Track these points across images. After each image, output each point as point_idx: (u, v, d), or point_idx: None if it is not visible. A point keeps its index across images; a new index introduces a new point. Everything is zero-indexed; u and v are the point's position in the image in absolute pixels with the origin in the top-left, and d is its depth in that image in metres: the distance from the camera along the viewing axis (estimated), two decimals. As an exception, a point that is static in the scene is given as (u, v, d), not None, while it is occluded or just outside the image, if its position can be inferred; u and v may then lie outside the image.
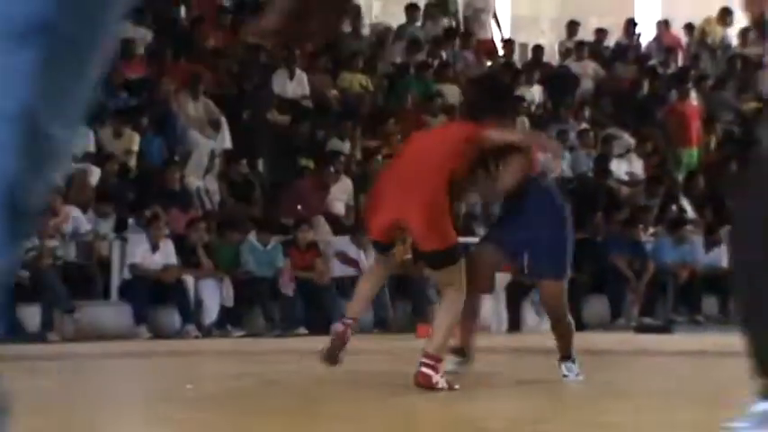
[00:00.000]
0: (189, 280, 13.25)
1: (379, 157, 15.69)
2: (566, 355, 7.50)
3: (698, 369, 9.16)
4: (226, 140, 15.34)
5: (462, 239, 15.54)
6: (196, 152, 15.00)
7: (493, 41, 19.61)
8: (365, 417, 6.24)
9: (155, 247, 13.21)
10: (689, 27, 21.53)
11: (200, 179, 14.75)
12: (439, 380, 6.87)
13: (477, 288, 7.43)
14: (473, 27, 19.65)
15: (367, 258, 14.22)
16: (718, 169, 18.34)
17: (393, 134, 16.46)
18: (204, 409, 6.58)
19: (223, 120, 15.40)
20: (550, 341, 8.01)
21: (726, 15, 21.66)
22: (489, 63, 19.20)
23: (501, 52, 19.38)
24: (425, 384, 6.86)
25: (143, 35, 16.47)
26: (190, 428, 5.84)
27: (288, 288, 13.60)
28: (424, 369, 6.91)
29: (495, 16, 19.98)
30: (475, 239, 15.56)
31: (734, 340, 11.99)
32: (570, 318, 7.48)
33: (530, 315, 14.13)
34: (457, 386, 6.87)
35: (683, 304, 15.64)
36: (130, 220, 13.69)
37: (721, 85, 19.95)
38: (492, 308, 14.38)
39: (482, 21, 19.73)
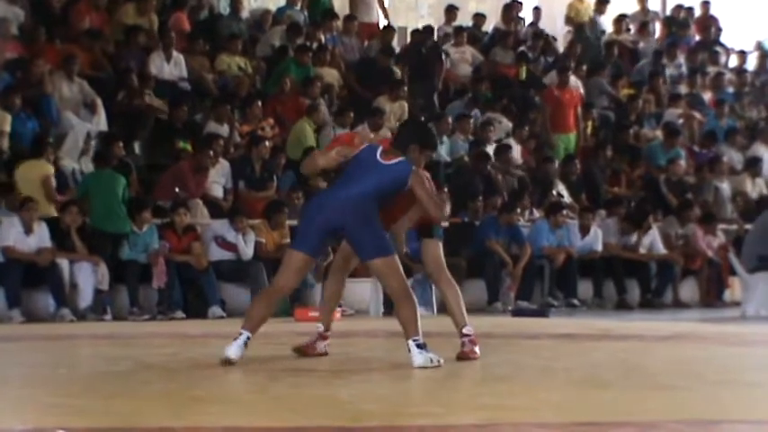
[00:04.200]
0: (63, 263, 13.06)
1: (267, 143, 15.59)
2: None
3: (572, 352, 9.28)
4: (102, 122, 15.14)
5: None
6: (71, 134, 14.77)
7: (377, 26, 19.60)
8: (242, 400, 6.21)
9: (28, 230, 12.99)
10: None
11: (75, 161, 14.53)
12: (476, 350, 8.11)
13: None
14: (359, 9, 19.61)
15: (246, 243, 14.15)
16: (593, 155, 18.60)
17: (263, 118, 16.39)
18: (77, 393, 6.49)
19: (99, 101, 15.19)
20: (427, 325, 8.05)
21: (600, 3, 21.98)
22: (368, 45, 19.20)
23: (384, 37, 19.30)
24: (471, 357, 8.05)
25: (17, 14, 16.17)
26: (62, 413, 5.74)
27: (160, 281, 13.43)
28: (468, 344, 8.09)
29: (381, 2, 19.94)
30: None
31: (607, 324, 12.23)
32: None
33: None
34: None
35: (558, 288, 15.83)
36: (2, 203, 13.44)
37: (597, 72, 20.22)
38: (371, 292, 14.43)
39: (367, 3, 19.70)
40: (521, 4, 21.46)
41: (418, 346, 7.60)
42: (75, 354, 9.34)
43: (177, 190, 14.55)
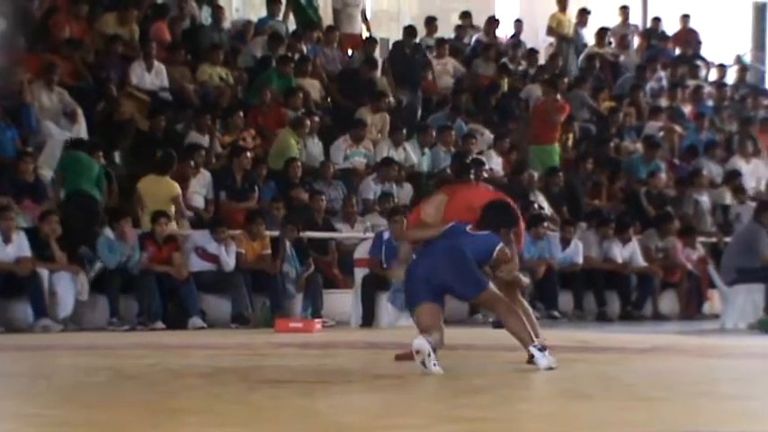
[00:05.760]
0: (43, 273, 13.01)
1: (248, 153, 15.60)
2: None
3: (552, 363, 9.27)
4: (82, 132, 15.11)
5: (322, 235, 15.64)
6: (50, 143, 14.74)
7: (360, 37, 19.64)
8: (221, 410, 6.20)
9: (6, 240, 12.95)
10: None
11: (53, 171, 14.48)
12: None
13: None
14: (341, 20, 19.63)
15: (228, 254, 14.13)
16: (574, 167, 18.64)
17: (245, 128, 16.38)
18: (56, 403, 6.47)
19: (79, 111, 15.15)
20: (407, 336, 8.06)
21: (581, 14, 22.07)
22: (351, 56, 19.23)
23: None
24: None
25: (-3, 23, 16.13)
26: (41, 423, 5.73)
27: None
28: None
29: (363, 14, 19.98)
30: (335, 234, 15.65)
31: (587, 336, 12.20)
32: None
33: (386, 310, 14.16)
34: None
35: (539, 300, 15.84)
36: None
37: (578, 84, 20.27)
38: (352, 303, 14.43)
39: (350, 14, 19.72)
40: (498, 21, 21.55)
41: (539, 350, 8.04)
42: (54, 364, 9.31)
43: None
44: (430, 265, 8.11)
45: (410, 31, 19.58)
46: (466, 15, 21.38)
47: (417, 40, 19.69)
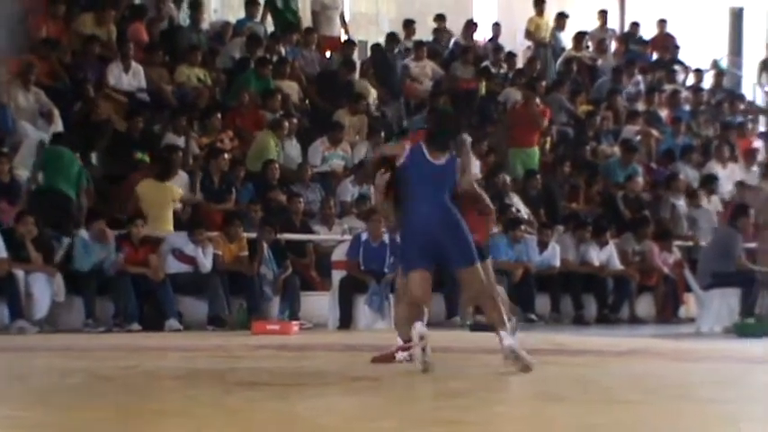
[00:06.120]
0: (19, 274, 12.95)
1: (226, 155, 15.56)
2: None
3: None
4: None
5: (300, 237, 15.61)
6: (26, 143, 14.67)
7: (338, 39, 19.63)
8: (197, 413, 6.17)
9: (-19, 241, 12.89)
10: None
11: (29, 171, 14.42)
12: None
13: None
14: (319, 22, 19.61)
15: (205, 255, 14.09)
16: (551, 170, 18.66)
17: (223, 130, 16.34)
18: (31, 406, 6.43)
19: (56, 111, 15.09)
20: (384, 339, 8.06)
21: (559, 18, 22.11)
22: (329, 58, 19.22)
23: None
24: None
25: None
26: (16, 425, 5.69)
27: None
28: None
29: (342, 16, 19.98)
30: (312, 236, 15.63)
31: (564, 339, 12.21)
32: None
33: (363, 312, 14.15)
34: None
35: (516, 303, 15.83)
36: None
37: (556, 88, 20.29)
38: (329, 305, 14.41)
39: (328, 16, 19.70)
40: (476, 24, 21.56)
41: (510, 334, 8.13)
42: (29, 366, 9.26)
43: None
44: (421, 225, 8.11)
45: (392, 37, 19.64)
46: (440, 18, 21.38)
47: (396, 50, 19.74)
